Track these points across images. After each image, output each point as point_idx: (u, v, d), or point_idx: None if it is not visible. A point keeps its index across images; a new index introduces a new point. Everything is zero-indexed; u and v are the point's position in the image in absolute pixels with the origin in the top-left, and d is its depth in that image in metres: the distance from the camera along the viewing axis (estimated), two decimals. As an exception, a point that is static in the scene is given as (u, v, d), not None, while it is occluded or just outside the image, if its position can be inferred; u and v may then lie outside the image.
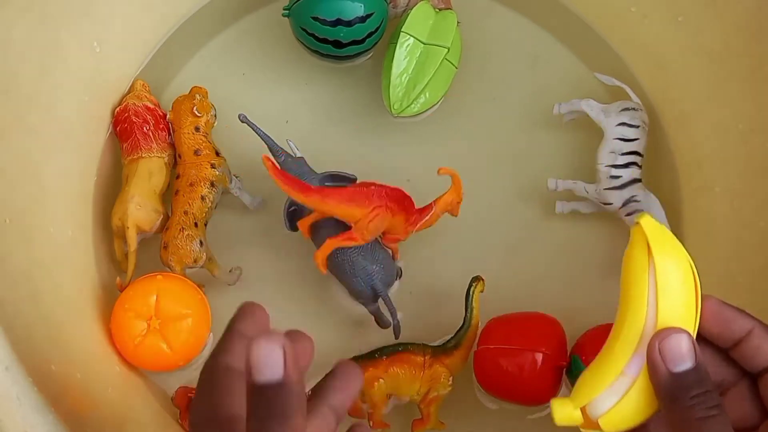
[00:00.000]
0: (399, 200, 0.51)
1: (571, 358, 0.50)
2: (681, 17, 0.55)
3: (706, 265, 0.53)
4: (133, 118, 0.55)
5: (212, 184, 0.55)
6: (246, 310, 0.30)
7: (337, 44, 0.55)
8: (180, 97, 0.57)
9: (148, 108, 0.56)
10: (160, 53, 0.61)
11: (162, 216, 0.55)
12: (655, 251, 0.29)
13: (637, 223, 0.30)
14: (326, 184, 0.53)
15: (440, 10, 0.58)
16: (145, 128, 0.56)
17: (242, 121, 0.53)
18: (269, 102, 0.60)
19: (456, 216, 0.54)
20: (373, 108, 0.59)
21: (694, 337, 0.29)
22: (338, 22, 0.54)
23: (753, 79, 0.50)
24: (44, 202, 0.50)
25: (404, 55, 0.56)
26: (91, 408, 0.46)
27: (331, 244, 0.50)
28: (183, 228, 0.53)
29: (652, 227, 0.30)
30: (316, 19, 0.54)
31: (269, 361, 0.26)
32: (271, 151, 0.54)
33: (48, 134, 0.51)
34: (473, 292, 0.52)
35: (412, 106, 0.56)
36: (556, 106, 0.57)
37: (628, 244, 0.30)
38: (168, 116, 0.57)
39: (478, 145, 0.60)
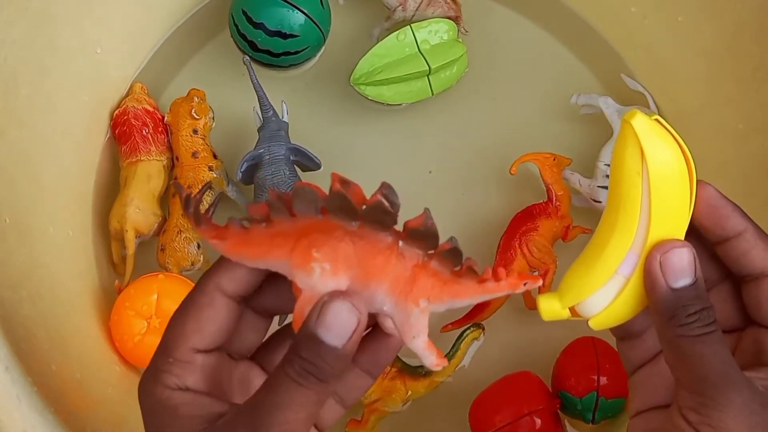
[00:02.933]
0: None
1: (561, 396, 0.50)
2: (681, 17, 0.55)
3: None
4: (132, 121, 0.55)
5: (210, 187, 0.55)
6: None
7: (253, 46, 0.55)
8: (178, 99, 0.57)
9: (146, 111, 0.56)
10: (158, 54, 0.61)
11: (160, 219, 0.55)
12: (648, 156, 0.27)
13: (626, 121, 0.28)
14: (291, 158, 0.54)
15: (459, 41, 0.58)
16: (144, 131, 0.55)
17: (245, 64, 0.54)
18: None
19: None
20: (373, 107, 0.59)
21: (684, 230, 0.28)
22: (260, 26, 0.54)
23: (753, 79, 0.50)
24: (44, 202, 0.50)
25: (394, 43, 0.56)
26: (90, 408, 0.46)
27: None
28: (180, 231, 0.53)
29: (644, 126, 0.28)
30: (245, 13, 0.55)
31: (342, 327, 0.26)
32: (260, 103, 0.54)
33: (48, 134, 0.51)
34: (466, 336, 0.52)
35: (368, 87, 0.56)
36: (574, 96, 0.57)
37: (618, 141, 0.28)
38: (166, 118, 0.57)
39: (477, 144, 0.60)
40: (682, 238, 0.28)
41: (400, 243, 0.27)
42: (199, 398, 0.27)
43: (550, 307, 0.30)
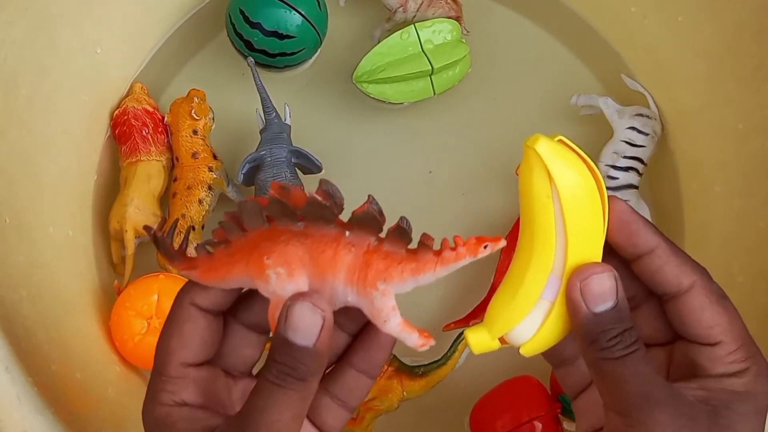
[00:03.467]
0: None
1: (561, 399, 0.50)
2: (681, 17, 0.55)
3: (706, 265, 0.53)
4: (132, 121, 0.55)
5: (210, 188, 0.55)
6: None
7: (249, 45, 0.56)
8: (178, 99, 0.57)
9: (146, 111, 0.56)
10: (158, 54, 0.61)
11: (160, 219, 0.55)
12: (557, 179, 0.27)
13: (529, 147, 0.28)
14: (292, 160, 0.54)
15: (463, 41, 0.58)
16: (144, 131, 0.55)
17: (249, 66, 0.54)
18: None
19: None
20: (374, 107, 0.59)
21: (602, 248, 0.28)
22: (257, 26, 0.54)
23: (753, 79, 0.50)
24: (44, 202, 0.50)
25: (397, 42, 0.56)
26: (90, 408, 0.46)
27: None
28: (180, 231, 0.53)
29: (548, 150, 0.27)
30: (242, 13, 0.55)
31: (308, 326, 0.26)
32: (263, 105, 0.54)
33: (48, 134, 0.51)
34: (464, 338, 0.51)
35: (370, 85, 0.56)
36: (574, 96, 0.57)
37: (523, 167, 0.28)
38: (166, 119, 0.57)
39: (477, 144, 0.60)
40: (600, 256, 0.28)
41: (347, 233, 0.27)
42: (196, 412, 0.28)
43: (480, 340, 0.29)
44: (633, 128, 0.54)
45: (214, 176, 0.55)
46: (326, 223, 0.27)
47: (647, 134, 0.54)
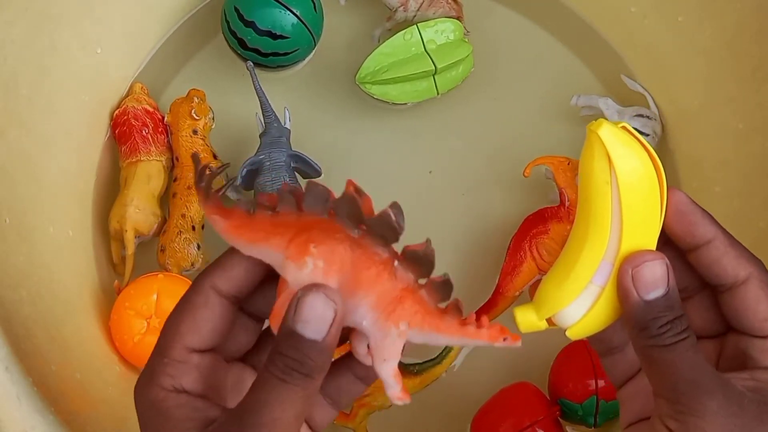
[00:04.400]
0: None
1: (560, 403, 0.50)
2: (681, 17, 0.55)
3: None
4: (132, 121, 0.55)
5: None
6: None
7: (242, 44, 0.55)
8: (178, 99, 0.57)
9: (146, 111, 0.56)
10: (158, 54, 0.61)
11: (160, 219, 0.55)
12: (617, 165, 0.27)
13: (593, 131, 0.28)
14: (291, 165, 0.54)
15: (465, 40, 0.58)
16: (143, 131, 0.55)
17: (248, 70, 0.54)
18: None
19: None
20: (374, 107, 0.59)
21: (657, 238, 0.28)
22: (251, 25, 0.54)
23: (753, 79, 0.50)
24: (44, 202, 0.50)
25: (400, 42, 0.56)
26: (90, 408, 0.46)
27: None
28: (180, 231, 0.53)
29: (611, 135, 0.27)
30: (237, 11, 0.55)
31: (319, 319, 0.25)
32: (262, 109, 0.54)
33: (48, 134, 0.51)
34: None
35: (373, 86, 0.56)
36: (574, 97, 0.57)
37: (584, 151, 0.28)
38: (166, 119, 0.57)
39: (477, 144, 0.60)
40: (654, 245, 0.28)
41: (396, 262, 0.27)
42: (194, 401, 0.27)
43: (527, 319, 0.30)
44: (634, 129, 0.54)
45: (214, 176, 0.55)
46: (383, 243, 0.26)
47: (647, 135, 0.54)
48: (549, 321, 0.30)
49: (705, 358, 0.27)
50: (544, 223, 0.53)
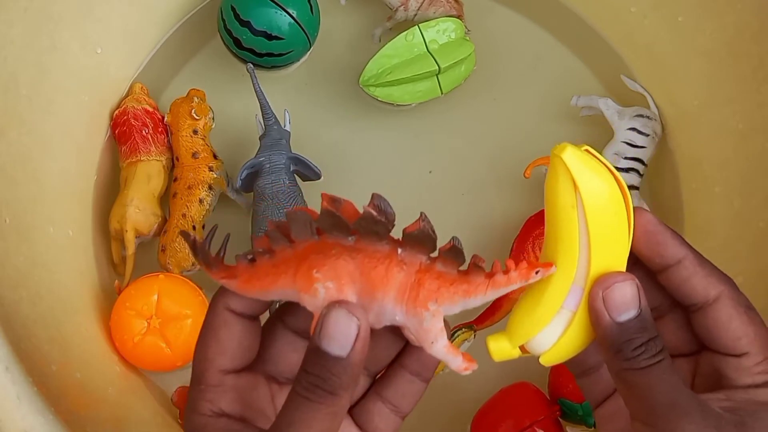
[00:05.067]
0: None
1: (560, 402, 0.50)
2: (681, 17, 0.55)
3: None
4: (132, 121, 0.55)
5: (210, 187, 0.55)
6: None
7: (238, 43, 0.56)
8: (178, 99, 0.57)
9: (146, 111, 0.56)
10: (159, 54, 0.61)
11: (160, 219, 0.55)
12: (582, 188, 0.27)
13: (556, 155, 0.28)
14: (291, 167, 0.54)
15: (467, 39, 0.58)
16: (143, 131, 0.55)
17: (248, 72, 0.54)
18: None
19: None
20: (373, 108, 0.59)
21: (626, 259, 0.28)
22: (246, 24, 0.54)
23: (753, 79, 0.50)
24: (44, 202, 0.50)
25: (403, 44, 0.56)
26: (90, 408, 0.46)
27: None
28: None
29: (574, 158, 0.27)
30: (233, 10, 0.55)
31: (342, 335, 0.25)
32: (262, 111, 0.54)
33: (48, 134, 0.51)
34: (457, 336, 0.52)
35: (377, 89, 0.56)
36: (574, 98, 0.57)
37: (549, 175, 0.28)
38: (166, 119, 0.57)
39: (477, 143, 0.60)
40: (624, 267, 0.28)
41: (399, 250, 0.27)
42: (233, 424, 0.27)
43: (500, 348, 0.30)
44: (633, 129, 0.54)
45: (215, 176, 0.55)
46: (379, 238, 0.26)
47: (647, 135, 0.54)
48: (522, 348, 0.30)
49: (681, 379, 0.27)
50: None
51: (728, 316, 0.28)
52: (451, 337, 0.52)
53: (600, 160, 0.28)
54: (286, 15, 0.55)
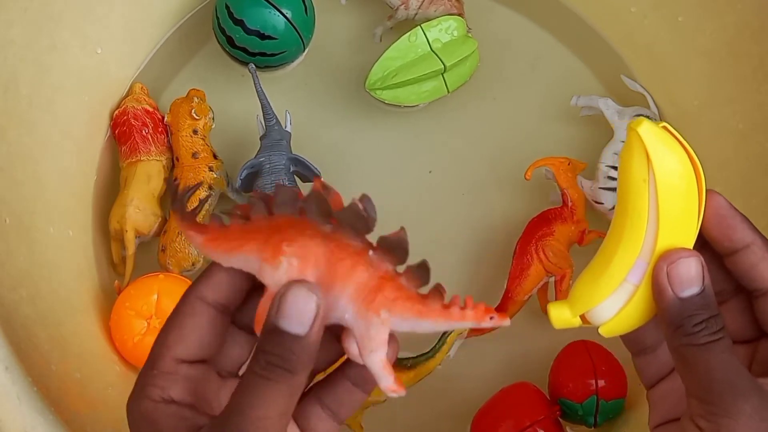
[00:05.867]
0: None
1: (560, 403, 0.50)
2: (681, 17, 0.55)
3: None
4: (132, 121, 0.55)
5: (210, 188, 0.55)
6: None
7: (231, 41, 0.56)
8: (178, 99, 0.57)
9: (146, 111, 0.56)
10: (158, 54, 0.61)
11: (160, 219, 0.55)
12: (655, 164, 0.27)
13: (633, 129, 0.28)
14: (291, 168, 0.54)
15: (470, 36, 0.58)
16: (143, 131, 0.55)
17: (249, 72, 0.54)
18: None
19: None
20: (373, 108, 0.59)
21: (694, 239, 0.28)
22: (240, 23, 0.54)
23: (753, 79, 0.50)
24: (44, 202, 0.50)
25: (406, 45, 0.56)
26: (90, 407, 0.46)
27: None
28: (181, 231, 0.53)
29: (651, 134, 0.28)
30: (227, 8, 0.55)
31: (300, 313, 0.25)
32: (263, 111, 0.54)
33: (48, 134, 0.51)
34: (452, 330, 0.52)
35: (384, 92, 0.56)
36: (574, 98, 0.57)
37: (624, 149, 0.28)
38: (166, 119, 0.57)
39: (477, 143, 0.60)
40: (691, 246, 0.28)
41: (371, 252, 0.27)
42: (182, 410, 0.27)
43: (561, 315, 0.30)
44: None
45: (215, 176, 0.55)
46: (355, 234, 0.26)
47: None
48: (582, 318, 0.30)
49: (739, 361, 0.27)
50: (548, 224, 0.53)
51: None
52: (445, 332, 0.52)
53: (676, 138, 0.28)
54: (280, 15, 0.55)
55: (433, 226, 0.57)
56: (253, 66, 0.54)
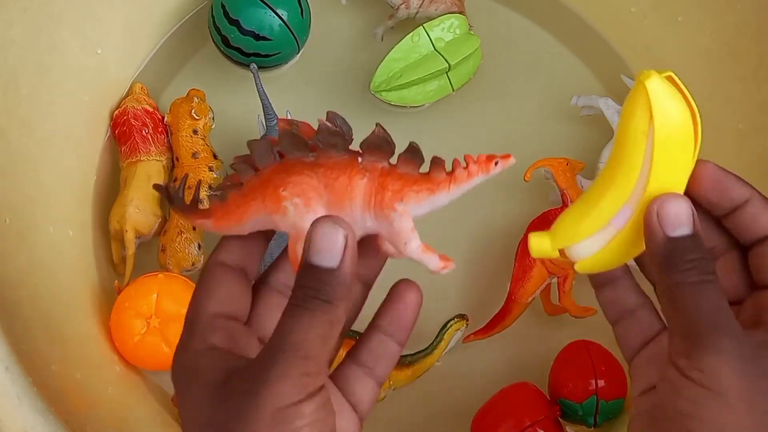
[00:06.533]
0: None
1: (560, 403, 0.50)
2: (681, 17, 0.55)
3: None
4: (132, 121, 0.55)
5: (210, 187, 0.55)
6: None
7: (226, 41, 0.56)
8: (178, 99, 0.57)
9: (146, 111, 0.56)
10: (158, 54, 0.61)
11: (160, 219, 0.55)
12: (657, 121, 0.28)
13: (641, 81, 0.28)
14: None
15: (472, 33, 0.58)
16: (143, 131, 0.55)
17: (251, 72, 0.54)
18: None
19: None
20: (373, 108, 0.59)
21: (683, 191, 0.29)
22: (235, 23, 0.54)
23: (753, 79, 0.50)
24: (44, 202, 0.50)
25: (409, 46, 0.56)
26: (90, 408, 0.46)
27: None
28: (181, 231, 0.53)
29: (657, 89, 0.28)
30: (223, 8, 0.55)
31: (331, 246, 0.26)
32: (264, 111, 0.54)
33: (48, 134, 0.51)
34: (450, 326, 0.52)
35: (390, 93, 0.56)
36: (574, 97, 0.57)
37: (629, 99, 0.29)
38: (166, 119, 0.57)
39: (476, 143, 0.60)
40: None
41: (359, 159, 0.27)
42: (222, 354, 0.27)
43: (541, 246, 0.31)
44: None
45: (215, 176, 0.55)
46: (337, 151, 0.27)
47: None
48: (561, 252, 0.31)
49: (728, 305, 0.27)
50: (549, 225, 0.53)
51: None
52: (445, 327, 0.52)
53: (681, 91, 0.29)
54: (276, 17, 0.54)
55: (432, 226, 0.56)
56: (255, 66, 0.54)
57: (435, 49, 0.56)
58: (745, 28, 0.50)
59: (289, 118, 0.54)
